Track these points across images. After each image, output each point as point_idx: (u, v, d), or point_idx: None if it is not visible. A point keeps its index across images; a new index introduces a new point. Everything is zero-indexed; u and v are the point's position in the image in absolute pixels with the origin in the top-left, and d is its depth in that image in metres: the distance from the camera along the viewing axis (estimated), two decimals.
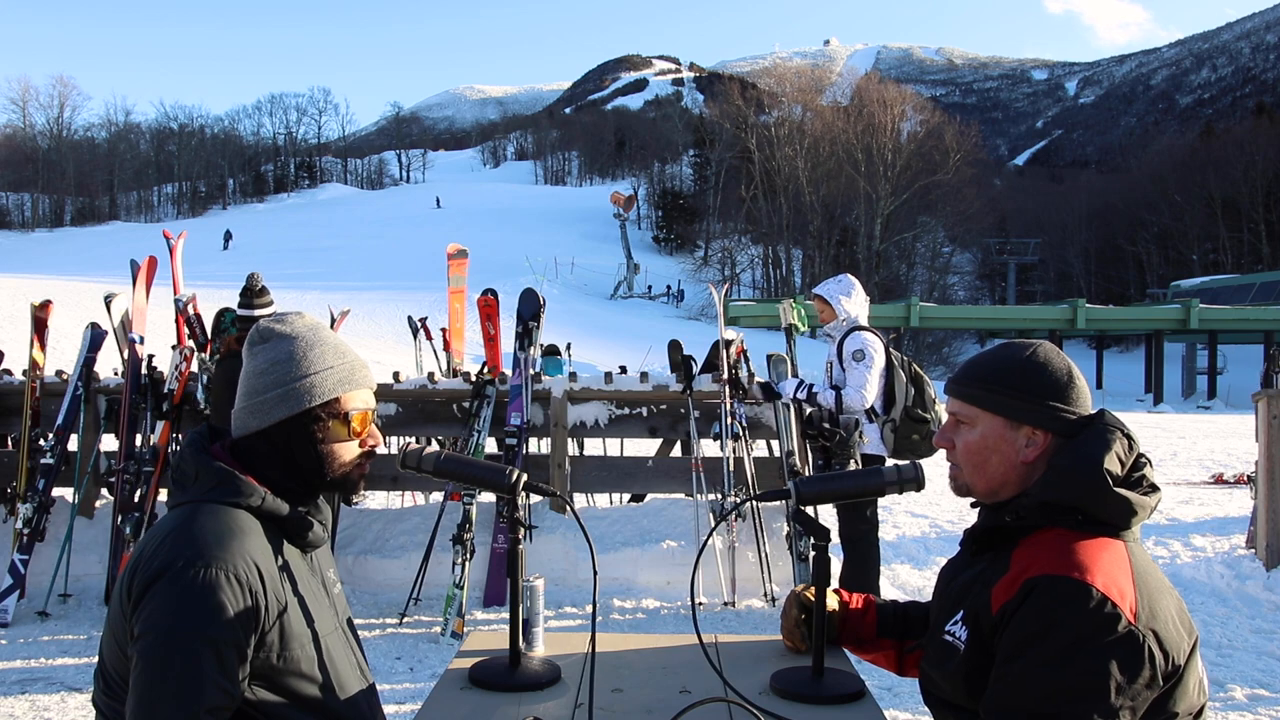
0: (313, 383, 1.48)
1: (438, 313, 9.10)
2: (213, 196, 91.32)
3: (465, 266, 6.33)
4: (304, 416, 1.48)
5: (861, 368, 4.61)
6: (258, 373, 1.49)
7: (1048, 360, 1.48)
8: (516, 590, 1.67)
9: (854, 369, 4.64)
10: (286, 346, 1.49)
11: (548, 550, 5.21)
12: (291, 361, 1.48)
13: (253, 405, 1.49)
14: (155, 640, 1.28)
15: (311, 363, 1.49)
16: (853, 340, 4.69)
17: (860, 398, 4.59)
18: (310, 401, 1.48)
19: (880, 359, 4.68)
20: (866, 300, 4.96)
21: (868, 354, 4.62)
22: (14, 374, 5.67)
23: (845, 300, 4.82)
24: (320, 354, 1.50)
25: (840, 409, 4.66)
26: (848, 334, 4.74)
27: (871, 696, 1.62)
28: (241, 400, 1.50)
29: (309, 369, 1.48)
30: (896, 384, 4.70)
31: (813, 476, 1.70)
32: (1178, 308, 34.43)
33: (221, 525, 1.38)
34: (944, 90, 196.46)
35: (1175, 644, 1.31)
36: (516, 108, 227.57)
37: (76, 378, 5.34)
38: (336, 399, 1.50)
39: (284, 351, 1.49)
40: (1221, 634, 4.66)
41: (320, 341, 1.51)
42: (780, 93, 70.49)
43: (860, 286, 4.95)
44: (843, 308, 4.81)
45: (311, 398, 1.48)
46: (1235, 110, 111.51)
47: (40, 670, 4.12)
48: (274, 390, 1.47)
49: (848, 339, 4.71)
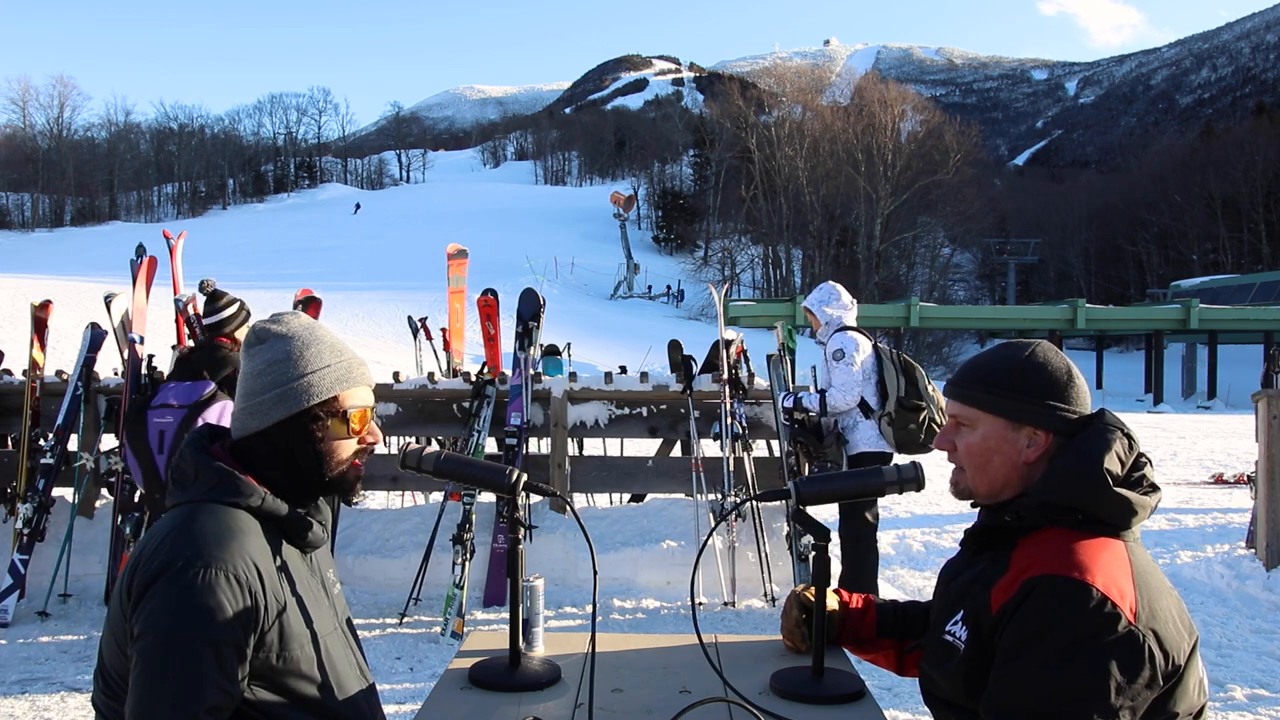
0: (310, 382, 1.47)
1: (438, 313, 9.10)
2: (213, 196, 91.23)
3: (465, 266, 6.33)
4: (303, 416, 1.47)
5: (842, 366, 4.73)
6: (255, 374, 1.49)
7: (1047, 360, 1.48)
8: (516, 590, 1.67)
9: (835, 369, 4.76)
10: (283, 347, 1.49)
11: (548, 550, 5.21)
12: (288, 361, 1.48)
13: (251, 406, 1.48)
14: (155, 640, 1.28)
15: (309, 362, 1.48)
16: (833, 341, 4.84)
17: (843, 397, 4.69)
18: (308, 401, 1.47)
19: (861, 355, 4.78)
20: (852, 302, 5.10)
21: (847, 353, 4.74)
22: (14, 374, 5.67)
23: (827, 307, 5.02)
24: (317, 352, 1.50)
25: (825, 410, 4.76)
26: (834, 334, 4.89)
27: (871, 696, 1.62)
28: (240, 401, 1.50)
29: (306, 368, 1.48)
30: (887, 377, 4.79)
31: (813, 476, 1.70)
32: (1178, 308, 34.42)
33: (221, 525, 1.38)
34: (944, 90, 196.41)
35: (1175, 644, 1.30)
36: (516, 108, 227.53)
37: (76, 378, 5.34)
38: (335, 397, 1.50)
39: (281, 352, 1.49)
40: (1221, 634, 4.66)
41: (317, 340, 1.51)
42: (780, 93, 70.59)
43: (843, 290, 5.13)
44: (826, 314, 5.00)
45: (310, 397, 1.47)
46: (1235, 110, 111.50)
47: (40, 670, 4.12)
48: (272, 391, 1.47)
49: (830, 340, 4.87)
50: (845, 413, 4.79)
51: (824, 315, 5.01)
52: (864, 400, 4.80)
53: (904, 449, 4.73)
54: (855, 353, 4.76)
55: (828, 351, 4.84)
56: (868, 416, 4.79)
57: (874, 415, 4.79)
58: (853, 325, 4.99)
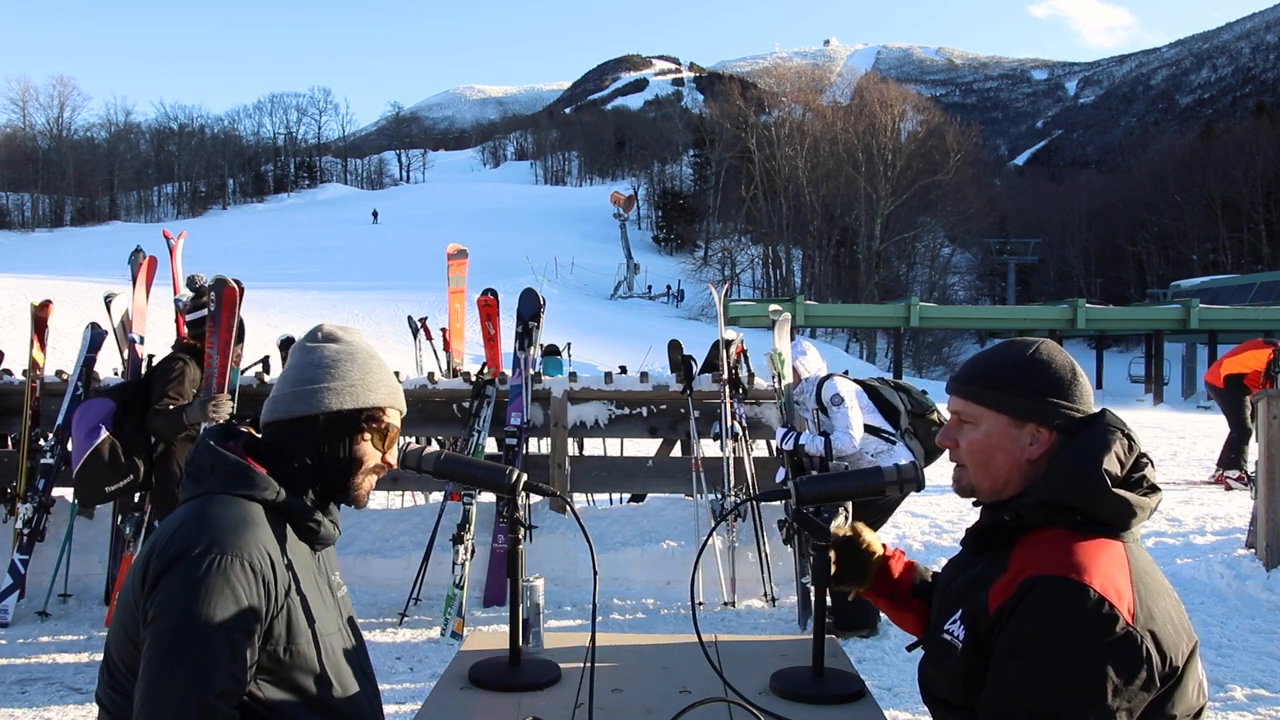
0: (373, 385, 1.58)
1: (438, 313, 9.09)
2: (213, 196, 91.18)
3: (465, 266, 6.33)
4: (358, 414, 1.55)
5: (842, 410, 4.66)
6: (317, 364, 1.55)
7: (1050, 357, 1.48)
8: (516, 590, 1.67)
9: (836, 412, 4.68)
10: (352, 351, 1.59)
11: (548, 550, 5.21)
12: (354, 362, 1.58)
13: (305, 392, 1.54)
14: (169, 624, 1.30)
15: (373, 371, 1.59)
16: (827, 388, 4.75)
17: (849, 440, 4.61)
18: (370, 401, 1.56)
19: (854, 397, 4.73)
20: (818, 353, 5.15)
21: (843, 395, 4.69)
22: (14, 374, 5.67)
23: (804, 360, 5.02)
24: (380, 366, 1.61)
25: (830, 455, 4.69)
26: (820, 384, 4.79)
27: (871, 696, 1.62)
28: (292, 385, 1.55)
29: (372, 375, 1.58)
30: (888, 398, 4.79)
31: (813, 476, 1.70)
32: (1178, 308, 34.38)
33: (236, 515, 1.41)
34: (944, 90, 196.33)
35: (1174, 645, 1.30)
36: (516, 108, 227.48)
37: (76, 378, 5.34)
38: (383, 409, 1.59)
39: (349, 353, 1.58)
40: (1221, 634, 4.65)
41: (379, 358, 1.63)
42: (780, 93, 70.42)
43: (812, 346, 5.19)
44: (804, 367, 5.00)
45: (372, 398, 1.56)
46: (1235, 110, 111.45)
47: (40, 670, 4.11)
48: (338, 381, 1.54)
49: (822, 387, 4.77)
50: (853, 456, 4.67)
51: (802, 368, 5.00)
52: (880, 430, 4.72)
53: (933, 455, 4.66)
54: (848, 395, 4.72)
55: (825, 396, 4.75)
56: (893, 443, 4.71)
57: (897, 437, 4.73)
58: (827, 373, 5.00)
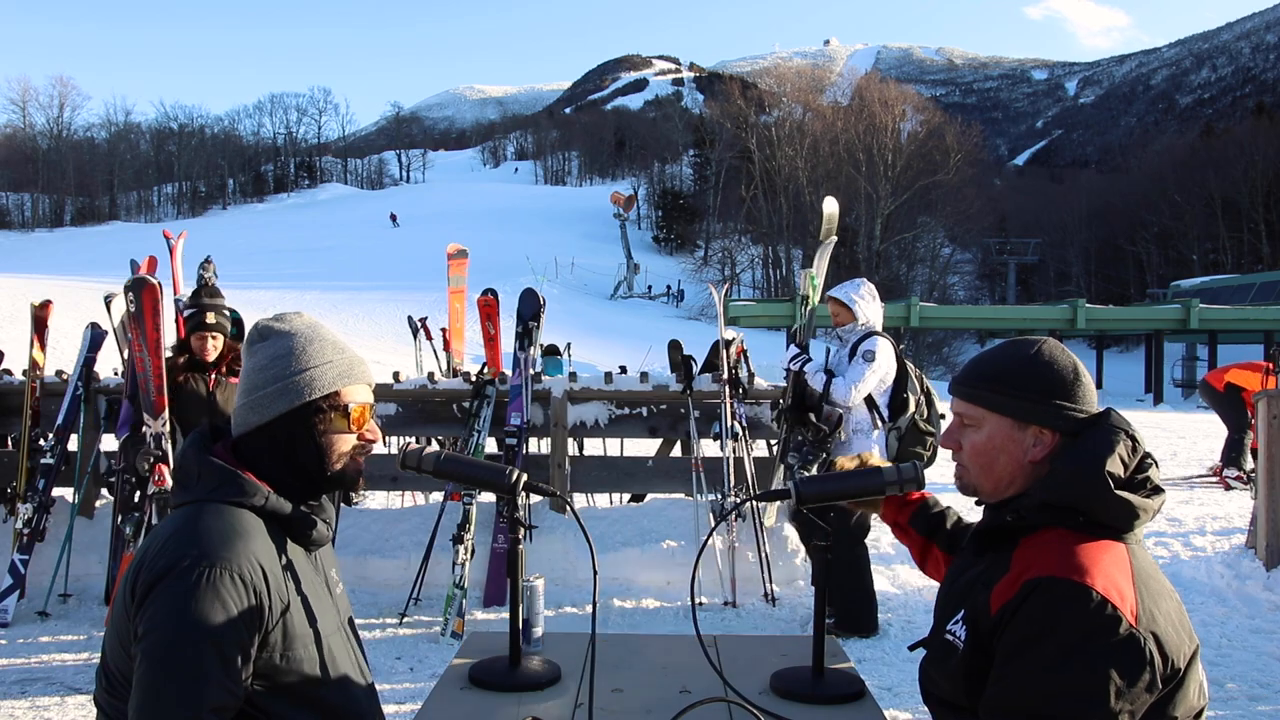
0: (312, 376, 1.50)
1: (438, 313, 9.08)
2: (213, 196, 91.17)
3: (465, 266, 6.34)
4: (305, 410, 1.49)
5: (863, 368, 4.51)
6: (257, 369, 1.51)
7: (1053, 358, 1.47)
8: (516, 590, 1.67)
9: (858, 365, 4.54)
10: (286, 343, 1.51)
11: (548, 550, 5.21)
12: (290, 356, 1.50)
13: (253, 401, 1.50)
14: (159, 640, 1.28)
15: (311, 357, 1.51)
16: (869, 342, 4.58)
17: (848, 392, 4.48)
18: (310, 394, 1.49)
19: (885, 367, 4.58)
20: (881, 307, 4.85)
21: (878, 358, 4.53)
22: (14, 374, 5.68)
23: (863, 304, 4.72)
24: (319, 349, 1.52)
25: (826, 396, 4.56)
26: (865, 336, 4.63)
27: (871, 696, 1.62)
28: (242, 397, 1.52)
29: (308, 363, 1.50)
30: (911, 394, 4.62)
31: (813, 476, 1.70)
32: (1178, 308, 34.37)
33: (225, 525, 1.38)
34: (944, 90, 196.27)
35: (1175, 647, 1.30)
36: (516, 108, 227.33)
37: (76, 378, 5.34)
38: (336, 392, 1.52)
39: (283, 347, 1.51)
40: (1221, 634, 4.65)
41: (319, 337, 1.54)
42: (780, 93, 70.38)
43: (874, 295, 4.82)
44: (861, 311, 4.71)
45: (311, 391, 1.49)
46: (1235, 110, 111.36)
47: (40, 670, 4.11)
48: (274, 385, 1.49)
49: (865, 340, 4.60)
50: (844, 407, 4.55)
51: (859, 311, 4.69)
52: (879, 410, 4.60)
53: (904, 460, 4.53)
54: (883, 361, 4.55)
55: (860, 347, 4.56)
56: (877, 427, 4.59)
57: (883, 426, 4.61)
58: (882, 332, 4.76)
